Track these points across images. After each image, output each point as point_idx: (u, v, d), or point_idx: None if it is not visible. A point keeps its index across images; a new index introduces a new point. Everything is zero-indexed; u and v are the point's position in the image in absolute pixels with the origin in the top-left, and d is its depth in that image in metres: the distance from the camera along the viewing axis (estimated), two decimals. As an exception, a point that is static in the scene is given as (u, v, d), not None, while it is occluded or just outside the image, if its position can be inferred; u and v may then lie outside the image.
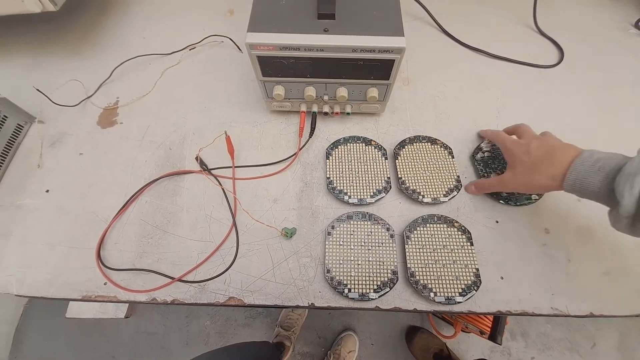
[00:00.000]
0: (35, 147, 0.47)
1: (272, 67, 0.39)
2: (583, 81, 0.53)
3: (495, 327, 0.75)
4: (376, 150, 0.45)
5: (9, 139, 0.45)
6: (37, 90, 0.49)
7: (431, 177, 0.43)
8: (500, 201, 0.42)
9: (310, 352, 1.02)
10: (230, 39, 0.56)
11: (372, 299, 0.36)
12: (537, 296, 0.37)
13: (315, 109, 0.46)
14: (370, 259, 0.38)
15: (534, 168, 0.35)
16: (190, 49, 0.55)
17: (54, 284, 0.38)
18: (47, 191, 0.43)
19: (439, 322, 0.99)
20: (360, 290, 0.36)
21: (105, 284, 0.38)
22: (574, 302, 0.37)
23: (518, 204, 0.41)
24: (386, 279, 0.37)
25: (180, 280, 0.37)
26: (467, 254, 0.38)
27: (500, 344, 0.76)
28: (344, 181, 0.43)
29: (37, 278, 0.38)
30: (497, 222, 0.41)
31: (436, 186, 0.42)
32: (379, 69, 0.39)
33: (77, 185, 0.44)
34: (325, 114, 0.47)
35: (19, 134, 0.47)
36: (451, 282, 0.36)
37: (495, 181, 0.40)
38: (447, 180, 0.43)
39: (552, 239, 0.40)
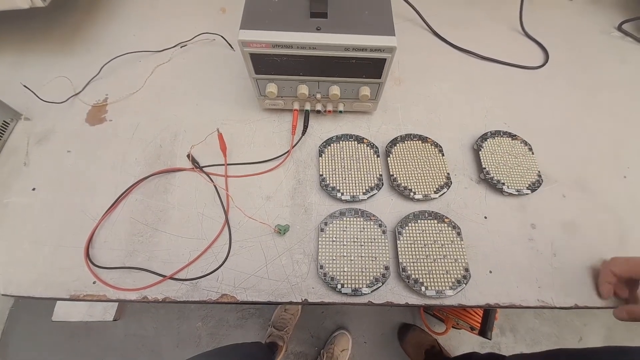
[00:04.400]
0: (21, 144, 0.46)
1: (265, 64, 0.39)
2: (567, 82, 0.55)
3: (485, 322, 0.77)
4: (368, 148, 0.46)
5: (-6, 136, 0.44)
6: (24, 86, 0.48)
7: (422, 175, 0.44)
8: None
9: (303, 351, 1.02)
10: (222, 37, 0.56)
11: (365, 294, 0.36)
12: (524, 289, 0.38)
13: (308, 107, 0.46)
14: (363, 254, 0.38)
15: None
16: (181, 47, 0.55)
17: (41, 283, 0.37)
18: (34, 189, 0.42)
19: (431, 319, 1.00)
20: (353, 286, 0.36)
21: (94, 282, 0.37)
22: (560, 294, 0.38)
23: None
24: (378, 274, 0.37)
25: (171, 278, 0.37)
26: (457, 249, 0.39)
27: (490, 339, 0.77)
28: (337, 178, 0.43)
29: (24, 277, 0.37)
30: (485, 217, 0.42)
31: (427, 183, 0.43)
32: (371, 68, 0.40)
33: (65, 183, 0.43)
34: (318, 112, 0.47)
35: (4, 132, 0.46)
36: (442, 276, 0.37)
37: None
38: (437, 177, 0.44)
39: (538, 234, 0.41)
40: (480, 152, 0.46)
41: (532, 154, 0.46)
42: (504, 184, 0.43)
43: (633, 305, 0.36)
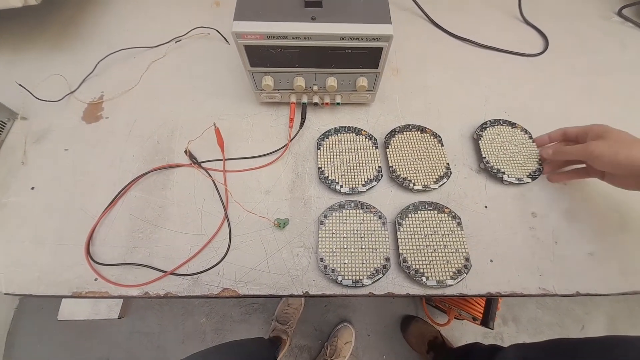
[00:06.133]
0: (18, 143, 0.45)
1: (260, 56, 0.39)
2: (567, 69, 0.54)
3: (487, 313, 0.77)
4: (367, 139, 0.45)
5: (-9, 136, 0.44)
6: (20, 85, 0.47)
7: (421, 165, 0.43)
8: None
9: (307, 345, 1.03)
10: (217, 31, 0.55)
11: (366, 285, 0.36)
12: (525, 277, 0.38)
13: (305, 99, 0.46)
14: (363, 246, 0.38)
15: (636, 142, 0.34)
16: (176, 42, 0.54)
17: (43, 281, 0.37)
18: (33, 188, 0.42)
19: (433, 310, 1.00)
20: (353, 277, 0.36)
21: (95, 279, 0.37)
22: (561, 282, 0.38)
23: None
24: (379, 265, 0.37)
25: (172, 273, 0.37)
26: (458, 239, 0.38)
27: (493, 329, 0.78)
28: (336, 171, 0.43)
29: (26, 276, 0.37)
30: (485, 207, 0.42)
31: (426, 174, 0.43)
32: (368, 58, 0.39)
33: (64, 182, 0.43)
34: (315, 104, 0.46)
35: (1, 131, 0.45)
36: (442, 266, 0.37)
37: (580, 148, 0.38)
38: (437, 167, 0.43)
39: (539, 222, 0.41)
40: (480, 142, 0.45)
41: (533, 142, 0.45)
42: (504, 172, 0.43)
43: (561, 145, 0.42)
